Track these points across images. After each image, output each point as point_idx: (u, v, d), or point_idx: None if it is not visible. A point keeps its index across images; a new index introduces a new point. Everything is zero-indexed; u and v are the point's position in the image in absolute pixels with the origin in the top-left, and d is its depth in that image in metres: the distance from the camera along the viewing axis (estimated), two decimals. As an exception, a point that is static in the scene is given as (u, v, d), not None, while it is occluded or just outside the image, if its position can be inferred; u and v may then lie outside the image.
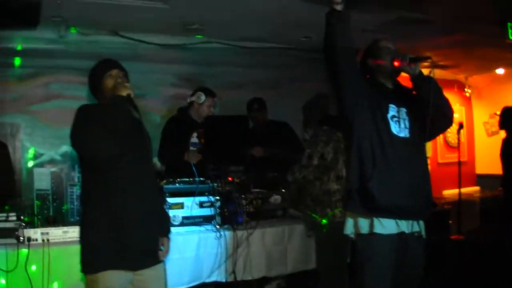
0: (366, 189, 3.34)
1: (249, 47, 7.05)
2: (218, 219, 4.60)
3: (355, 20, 5.54)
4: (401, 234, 3.36)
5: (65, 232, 4.00)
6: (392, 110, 3.45)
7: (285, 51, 7.30)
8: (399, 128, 3.41)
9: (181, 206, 4.45)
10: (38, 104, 6.66)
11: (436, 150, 10.05)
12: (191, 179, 4.62)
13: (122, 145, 3.05)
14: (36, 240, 3.89)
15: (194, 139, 5.37)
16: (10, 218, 3.96)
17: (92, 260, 3.09)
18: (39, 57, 6.48)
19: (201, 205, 4.55)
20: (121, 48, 6.44)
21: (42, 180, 4.79)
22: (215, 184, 4.67)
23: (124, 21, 6.00)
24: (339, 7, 3.29)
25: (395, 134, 3.39)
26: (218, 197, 4.64)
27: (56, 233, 3.97)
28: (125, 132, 3.06)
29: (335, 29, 3.33)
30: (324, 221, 4.59)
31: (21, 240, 3.85)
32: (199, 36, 6.55)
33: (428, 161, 3.73)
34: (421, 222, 3.48)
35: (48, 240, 3.91)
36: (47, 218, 4.45)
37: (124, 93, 3.07)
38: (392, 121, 3.41)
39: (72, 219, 4.62)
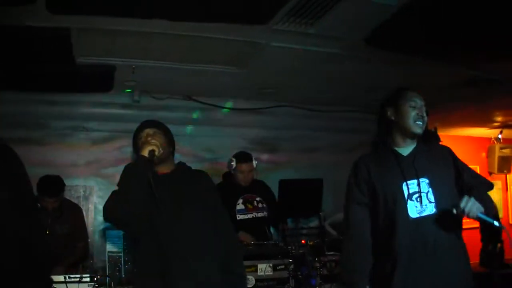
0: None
1: (322, 111, 7.03)
2: (291, 282, 4.53)
3: (427, 78, 5.51)
4: None
5: (138, 293, 3.96)
6: (406, 189, 2.96)
7: (358, 114, 7.25)
8: (421, 206, 2.93)
9: (254, 269, 4.39)
10: (112, 167, 6.74)
11: (507, 210, 9.96)
12: (264, 242, 4.60)
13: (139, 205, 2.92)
14: (110, 301, 3.88)
15: (240, 205, 5.22)
16: (83, 279, 3.96)
17: None
18: (113, 121, 6.60)
19: (274, 268, 4.48)
20: (194, 112, 6.54)
21: (114, 242, 4.84)
22: (289, 247, 4.64)
23: (198, 86, 6.09)
24: None
25: (414, 218, 2.92)
26: (291, 260, 4.57)
27: (129, 294, 3.96)
28: (138, 193, 2.92)
29: None
30: None
31: (94, 301, 3.84)
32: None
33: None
34: None
35: (121, 301, 3.90)
36: (120, 279, 4.45)
37: (145, 152, 2.99)
38: (412, 200, 2.94)
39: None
